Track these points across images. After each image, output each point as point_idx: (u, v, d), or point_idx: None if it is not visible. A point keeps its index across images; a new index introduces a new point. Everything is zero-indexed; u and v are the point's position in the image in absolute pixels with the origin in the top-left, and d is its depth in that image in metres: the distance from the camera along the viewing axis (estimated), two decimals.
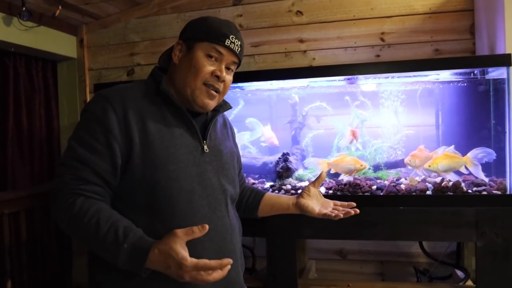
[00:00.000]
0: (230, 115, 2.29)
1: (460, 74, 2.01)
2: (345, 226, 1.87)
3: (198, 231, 0.98)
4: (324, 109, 2.23)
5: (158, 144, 1.13)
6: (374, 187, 1.92)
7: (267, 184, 2.08)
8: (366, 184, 1.94)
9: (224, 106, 1.35)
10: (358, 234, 1.89)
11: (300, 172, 2.13)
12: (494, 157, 1.85)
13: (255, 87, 2.28)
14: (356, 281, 2.25)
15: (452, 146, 1.91)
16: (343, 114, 2.22)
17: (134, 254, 1.01)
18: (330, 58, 2.51)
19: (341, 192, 1.94)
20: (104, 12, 2.76)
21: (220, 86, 1.22)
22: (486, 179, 1.87)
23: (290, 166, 2.06)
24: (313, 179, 2.07)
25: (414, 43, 2.40)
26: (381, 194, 1.89)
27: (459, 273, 2.17)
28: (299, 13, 2.55)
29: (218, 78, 1.20)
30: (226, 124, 1.44)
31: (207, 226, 0.99)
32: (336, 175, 2.04)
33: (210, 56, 1.20)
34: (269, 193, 1.52)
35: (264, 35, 2.62)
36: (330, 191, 1.95)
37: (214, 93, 1.22)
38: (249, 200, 1.50)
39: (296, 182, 2.07)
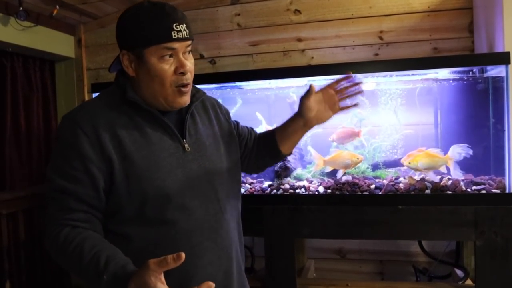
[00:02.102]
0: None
1: (459, 72, 2.00)
2: (344, 225, 1.87)
3: (173, 262, 0.87)
4: None
5: (137, 155, 1.09)
6: (373, 186, 1.92)
7: (266, 184, 2.08)
8: (365, 183, 1.93)
9: (196, 94, 1.26)
10: (357, 233, 1.89)
11: (298, 171, 2.13)
12: (471, 153, 1.84)
13: (253, 86, 2.28)
14: (355, 280, 2.25)
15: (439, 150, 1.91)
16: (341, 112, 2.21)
17: (115, 285, 0.95)
18: (329, 56, 2.51)
19: (339, 191, 1.93)
20: (102, 12, 2.75)
21: (188, 77, 1.14)
22: (462, 176, 1.87)
23: (289, 165, 2.05)
24: (312, 178, 2.07)
25: (413, 42, 2.39)
26: (380, 193, 1.89)
27: (459, 272, 2.16)
28: (297, 12, 2.55)
29: (183, 73, 1.12)
30: (206, 108, 1.33)
31: (183, 255, 0.87)
32: (334, 174, 2.03)
33: (164, 57, 1.10)
34: (277, 128, 1.41)
35: (262, 34, 2.61)
36: (329, 190, 1.95)
37: (186, 88, 1.15)
38: (265, 146, 1.42)
39: (294, 181, 2.07)
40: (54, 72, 2.88)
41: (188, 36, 1.11)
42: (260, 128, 2.27)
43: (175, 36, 1.09)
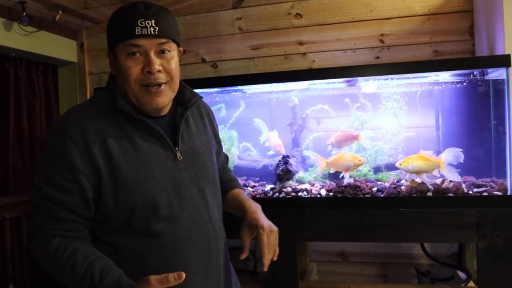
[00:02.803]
0: (231, 118, 2.30)
1: (460, 75, 2.01)
2: (346, 228, 1.87)
3: (174, 280, 0.88)
4: (324, 112, 2.23)
5: (126, 166, 1.06)
6: (375, 189, 1.92)
7: (268, 187, 2.08)
8: (367, 186, 1.94)
9: (192, 99, 1.22)
10: (359, 236, 1.89)
11: (300, 174, 2.13)
12: (463, 158, 1.82)
13: (254, 90, 2.29)
14: (358, 283, 2.25)
15: (431, 151, 1.90)
16: (343, 116, 2.22)
17: None
18: (330, 60, 2.52)
19: (341, 194, 1.94)
20: (104, 16, 2.77)
21: (159, 76, 1.08)
22: (459, 178, 1.87)
23: (291, 168, 2.06)
24: (314, 181, 2.08)
25: (414, 45, 2.40)
26: (382, 196, 1.89)
27: (461, 274, 2.16)
28: (298, 15, 2.56)
29: (150, 72, 1.07)
30: (202, 114, 1.30)
31: (183, 275, 0.89)
32: (336, 177, 2.04)
33: (132, 54, 1.07)
34: (236, 191, 1.39)
35: (263, 38, 2.62)
36: (331, 193, 1.95)
37: (157, 88, 1.09)
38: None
39: (296, 184, 2.07)
40: (56, 77, 2.90)
41: (156, 33, 1.06)
42: (262, 136, 2.28)
43: (138, 32, 1.05)
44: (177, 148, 1.15)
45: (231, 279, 1.33)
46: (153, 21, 1.06)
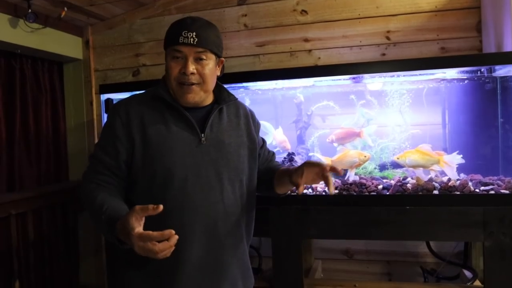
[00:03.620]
0: None
1: (467, 72, 1.99)
2: (351, 226, 1.87)
3: (152, 209, 1.08)
4: (330, 108, 2.22)
5: (155, 140, 1.31)
6: (380, 186, 1.91)
7: None
8: (372, 184, 1.93)
9: (227, 98, 1.45)
10: (364, 233, 1.88)
11: None
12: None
13: (260, 87, 2.28)
14: (363, 281, 2.24)
15: (430, 145, 1.90)
16: (349, 113, 2.21)
17: (108, 224, 1.18)
18: (336, 57, 2.50)
19: (347, 192, 1.93)
20: (109, 13, 2.77)
21: (192, 78, 1.32)
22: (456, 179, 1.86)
23: (296, 165, 2.05)
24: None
25: (420, 41, 2.38)
26: (388, 193, 1.88)
27: (467, 273, 2.15)
28: (304, 12, 2.55)
29: (185, 73, 1.31)
30: (239, 115, 1.49)
31: (161, 207, 1.09)
32: (342, 175, 2.02)
33: (175, 58, 1.33)
34: (277, 171, 1.53)
35: (269, 34, 2.61)
36: (336, 191, 1.95)
37: (190, 87, 1.33)
38: (267, 176, 1.54)
39: None
40: (62, 74, 2.90)
41: (195, 43, 1.30)
42: (268, 137, 2.27)
43: (181, 40, 1.30)
44: (203, 135, 1.35)
45: (233, 268, 1.40)
46: (194, 33, 1.31)
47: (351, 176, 1.97)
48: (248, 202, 1.45)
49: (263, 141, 1.63)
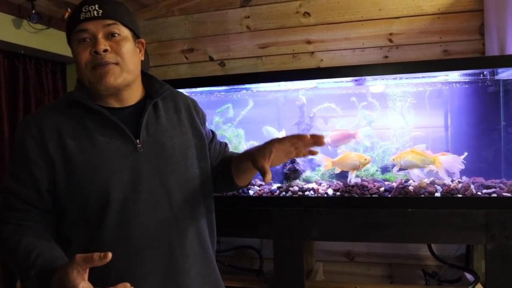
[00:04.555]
0: (238, 115, 2.29)
1: (470, 75, 1.99)
2: (353, 228, 1.87)
3: (98, 259, 0.85)
4: (332, 110, 2.22)
5: (79, 158, 1.07)
6: (382, 189, 1.91)
7: (274, 186, 2.08)
8: (374, 186, 1.93)
9: (160, 90, 1.22)
10: (366, 236, 1.88)
11: (307, 173, 2.13)
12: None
13: (262, 89, 2.28)
14: (364, 283, 2.24)
15: (424, 145, 1.89)
16: (351, 115, 2.21)
17: (40, 281, 0.95)
18: (338, 59, 2.51)
19: (348, 194, 1.93)
20: None
21: (107, 56, 1.09)
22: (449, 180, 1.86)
23: (298, 167, 2.05)
24: (321, 181, 2.07)
25: (423, 44, 2.38)
26: (389, 196, 1.88)
27: (469, 276, 2.14)
28: (307, 14, 2.55)
29: (96, 52, 1.09)
30: (178, 108, 1.26)
31: (109, 255, 0.85)
32: (344, 176, 2.03)
33: (83, 40, 1.10)
34: (233, 159, 1.32)
35: (271, 36, 2.62)
36: (338, 193, 1.94)
37: (105, 67, 1.09)
38: (223, 169, 1.33)
39: (303, 183, 2.07)
40: (65, 74, 2.91)
41: (100, 15, 1.10)
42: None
43: (82, 17, 1.09)
44: (138, 140, 1.13)
45: (207, 283, 1.23)
46: (96, 6, 1.10)
47: (352, 179, 1.97)
48: (206, 208, 1.25)
49: (212, 133, 1.38)
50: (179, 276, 1.14)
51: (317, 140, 1.11)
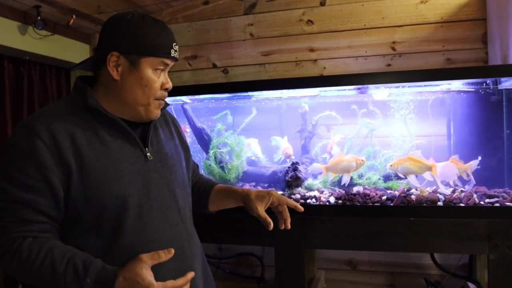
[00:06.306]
0: (241, 123, 2.30)
1: (472, 84, 1.99)
2: (355, 236, 1.86)
3: (164, 255, 0.98)
4: (334, 118, 2.22)
5: (95, 165, 1.06)
6: (384, 197, 1.91)
7: None
8: (376, 195, 1.92)
9: None
10: (368, 244, 1.87)
11: (309, 181, 2.12)
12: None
13: (265, 96, 2.29)
14: None
15: (420, 151, 1.90)
16: (353, 123, 2.21)
17: (99, 287, 0.96)
18: (341, 67, 2.51)
19: (350, 202, 1.92)
20: None
21: (167, 94, 1.21)
22: (446, 191, 1.86)
23: (300, 175, 2.05)
24: (322, 188, 2.07)
25: (426, 53, 2.39)
26: (391, 204, 1.88)
27: (471, 286, 2.13)
28: (310, 22, 2.56)
29: (167, 89, 1.18)
30: (167, 121, 1.36)
31: (172, 250, 0.99)
32: (345, 184, 2.02)
33: (157, 70, 1.15)
34: (220, 184, 1.48)
35: (274, 44, 2.63)
36: (340, 201, 1.94)
37: (161, 104, 1.20)
38: (199, 190, 1.45)
39: (305, 191, 2.06)
40: (69, 80, 2.93)
41: (177, 57, 1.20)
42: (278, 154, 2.27)
43: (173, 54, 1.16)
44: (146, 149, 1.18)
45: (208, 283, 1.35)
46: (177, 47, 1.19)
47: (347, 181, 1.96)
48: (191, 215, 1.33)
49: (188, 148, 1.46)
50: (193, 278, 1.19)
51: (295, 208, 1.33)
